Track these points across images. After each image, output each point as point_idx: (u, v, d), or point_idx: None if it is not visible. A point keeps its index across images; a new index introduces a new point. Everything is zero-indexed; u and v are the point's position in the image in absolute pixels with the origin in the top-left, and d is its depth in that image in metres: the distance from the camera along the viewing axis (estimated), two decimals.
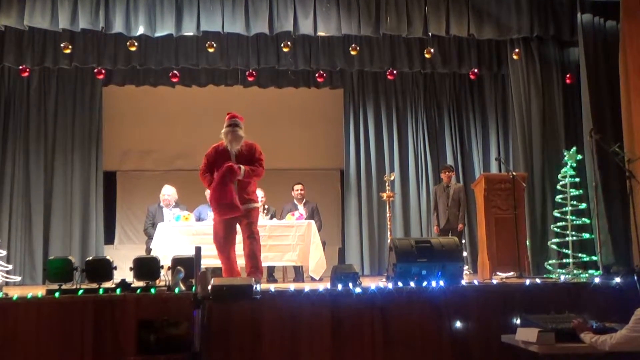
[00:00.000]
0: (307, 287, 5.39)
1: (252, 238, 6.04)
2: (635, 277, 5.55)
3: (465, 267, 6.77)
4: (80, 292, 5.18)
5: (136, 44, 7.96)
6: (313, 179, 9.88)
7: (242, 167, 6.00)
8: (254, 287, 4.58)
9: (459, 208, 8.63)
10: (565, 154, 7.38)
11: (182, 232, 7.48)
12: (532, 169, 8.38)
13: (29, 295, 5.09)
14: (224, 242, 6.04)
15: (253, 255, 6.01)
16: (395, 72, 9.09)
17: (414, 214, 9.87)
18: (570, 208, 7.12)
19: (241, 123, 6.19)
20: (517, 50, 8.50)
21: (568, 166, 7.26)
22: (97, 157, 9.37)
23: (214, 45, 8.14)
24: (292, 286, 5.58)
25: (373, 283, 5.54)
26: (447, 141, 10.08)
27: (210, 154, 6.20)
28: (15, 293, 5.27)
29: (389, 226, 8.01)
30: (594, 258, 7.16)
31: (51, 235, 8.94)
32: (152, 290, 5.21)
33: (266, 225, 7.60)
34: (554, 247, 7.41)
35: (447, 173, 8.80)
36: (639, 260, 6.74)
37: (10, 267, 7.10)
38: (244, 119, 6.25)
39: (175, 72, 8.77)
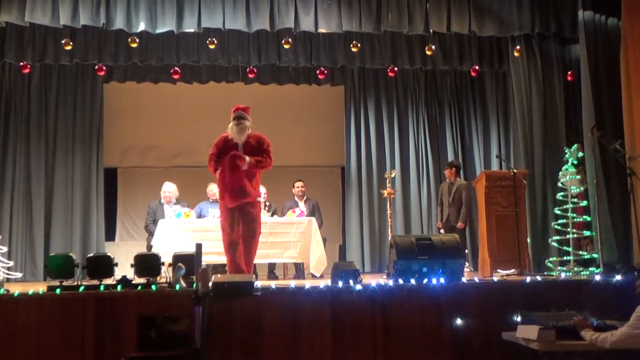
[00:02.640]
0: (307, 284, 5.40)
1: (251, 239, 6.09)
2: (636, 275, 5.55)
3: (466, 265, 6.77)
4: (81, 288, 5.20)
5: (137, 40, 7.95)
6: (314, 176, 9.88)
7: (247, 158, 6.00)
8: (255, 284, 4.59)
9: (458, 206, 8.41)
10: (566, 151, 7.37)
11: (183, 229, 7.49)
12: (533, 166, 8.36)
13: (30, 292, 5.10)
14: (231, 234, 6.04)
15: (248, 260, 6.06)
16: (396, 69, 9.09)
17: (414, 211, 9.87)
18: (571, 205, 7.11)
19: (247, 114, 6.20)
20: (518, 47, 8.48)
21: (569, 163, 7.25)
22: (98, 153, 9.36)
23: (215, 41, 8.12)
24: (292, 283, 5.58)
25: (374, 280, 5.55)
26: (448, 138, 10.07)
27: (220, 142, 6.21)
28: (16, 289, 5.27)
29: (389, 223, 8.02)
30: (595, 255, 7.14)
31: (52, 232, 8.94)
32: (153, 287, 5.22)
33: (267, 222, 7.62)
34: (555, 244, 7.40)
35: (447, 170, 8.72)
36: None
37: (11, 263, 7.13)
38: (250, 109, 6.27)
39: (176, 68, 8.78)
